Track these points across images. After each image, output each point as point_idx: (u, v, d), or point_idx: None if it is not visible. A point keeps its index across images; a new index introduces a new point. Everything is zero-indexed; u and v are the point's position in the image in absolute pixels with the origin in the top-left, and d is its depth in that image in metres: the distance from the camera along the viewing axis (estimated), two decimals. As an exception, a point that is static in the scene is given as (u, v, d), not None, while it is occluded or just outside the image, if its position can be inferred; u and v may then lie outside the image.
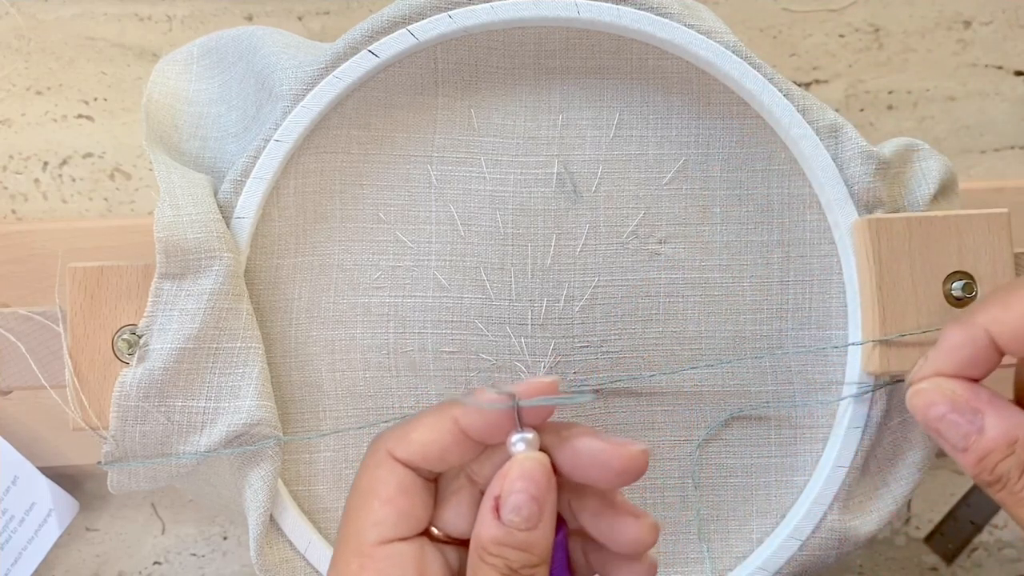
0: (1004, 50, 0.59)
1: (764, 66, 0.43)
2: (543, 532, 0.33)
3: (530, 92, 0.44)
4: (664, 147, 0.44)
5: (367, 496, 0.34)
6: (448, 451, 0.34)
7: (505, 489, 0.32)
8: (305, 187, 0.43)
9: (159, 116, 0.45)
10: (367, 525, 0.33)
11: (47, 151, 0.56)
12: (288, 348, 0.43)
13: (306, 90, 0.42)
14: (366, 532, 0.33)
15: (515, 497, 0.32)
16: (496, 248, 0.44)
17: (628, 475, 0.33)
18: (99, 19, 0.57)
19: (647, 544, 0.34)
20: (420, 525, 0.34)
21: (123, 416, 0.40)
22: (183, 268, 0.40)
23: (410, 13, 0.42)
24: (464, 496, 0.34)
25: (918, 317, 0.42)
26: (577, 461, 0.33)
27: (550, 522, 0.33)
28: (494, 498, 0.33)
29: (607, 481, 0.33)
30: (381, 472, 0.34)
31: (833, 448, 0.44)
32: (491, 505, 0.33)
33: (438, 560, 0.34)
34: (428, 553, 0.34)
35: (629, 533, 0.34)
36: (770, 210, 0.45)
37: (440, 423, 0.33)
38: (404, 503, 0.33)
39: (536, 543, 0.33)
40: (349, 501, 0.34)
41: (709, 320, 0.45)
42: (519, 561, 0.32)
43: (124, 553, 0.56)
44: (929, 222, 0.42)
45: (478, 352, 0.44)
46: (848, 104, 0.59)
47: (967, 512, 0.58)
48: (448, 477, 0.35)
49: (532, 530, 0.32)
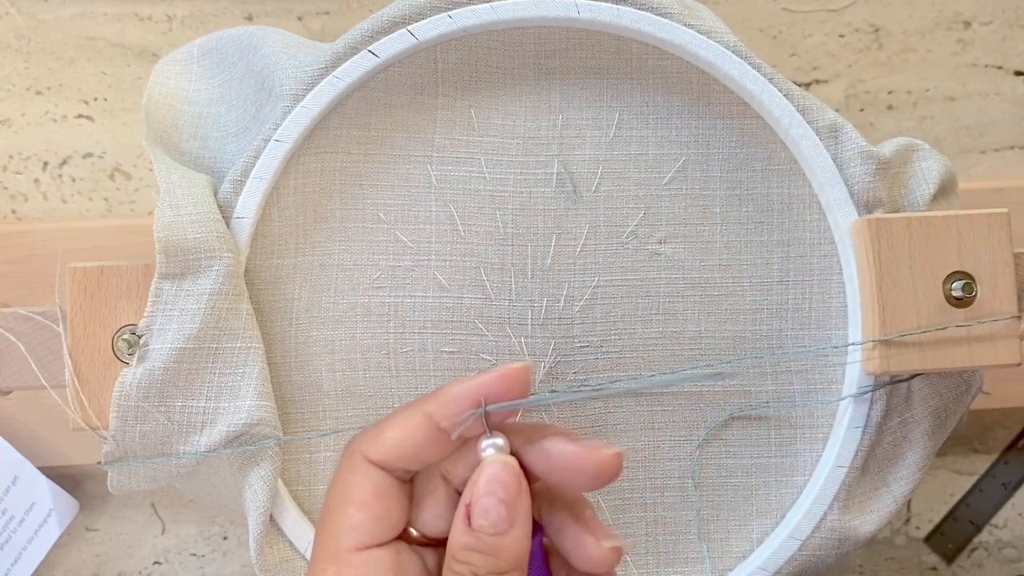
0: (1004, 50, 0.59)
1: (764, 66, 0.43)
2: (514, 537, 0.32)
3: (530, 92, 0.44)
4: (664, 147, 0.44)
5: (342, 501, 0.33)
6: (422, 448, 0.33)
7: (474, 495, 0.32)
8: (305, 187, 0.43)
9: (159, 116, 0.45)
10: (343, 531, 0.33)
11: (47, 151, 0.56)
12: (288, 348, 0.43)
13: (306, 90, 0.42)
14: (342, 538, 0.33)
15: (483, 501, 0.32)
16: (496, 248, 0.44)
17: (601, 478, 0.33)
18: (99, 19, 0.57)
19: (607, 564, 0.33)
20: (396, 529, 0.34)
21: (123, 416, 0.40)
22: (183, 268, 0.40)
23: (410, 13, 0.42)
24: (440, 496, 0.34)
25: (918, 317, 0.42)
26: (550, 464, 0.33)
27: (523, 528, 0.32)
28: (466, 506, 0.32)
29: (580, 484, 0.33)
30: (356, 476, 0.33)
31: (833, 448, 0.44)
32: (463, 513, 0.32)
33: (416, 564, 0.34)
34: (405, 557, 0.33)
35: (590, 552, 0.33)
36: (770, 210, 0.45)
37: (412, 420, 0.33)
38: (380, 507, 0.33)
39: (506, 548, 0.32)
40: (324, 506, 0.34)
41: (709, 320, 0.45)
42: (485, 567, 0.32)
43: (124, 553, 0.56)
44: (929, 222, 0.42)
45: (478, 352, 0.44)
46: (848, 104, 0.59)
47: (967, 512, 0.58)
48: (423, 478, 0.34)
49: (502, 535, 0.32)
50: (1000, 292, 0.42)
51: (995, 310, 0.42)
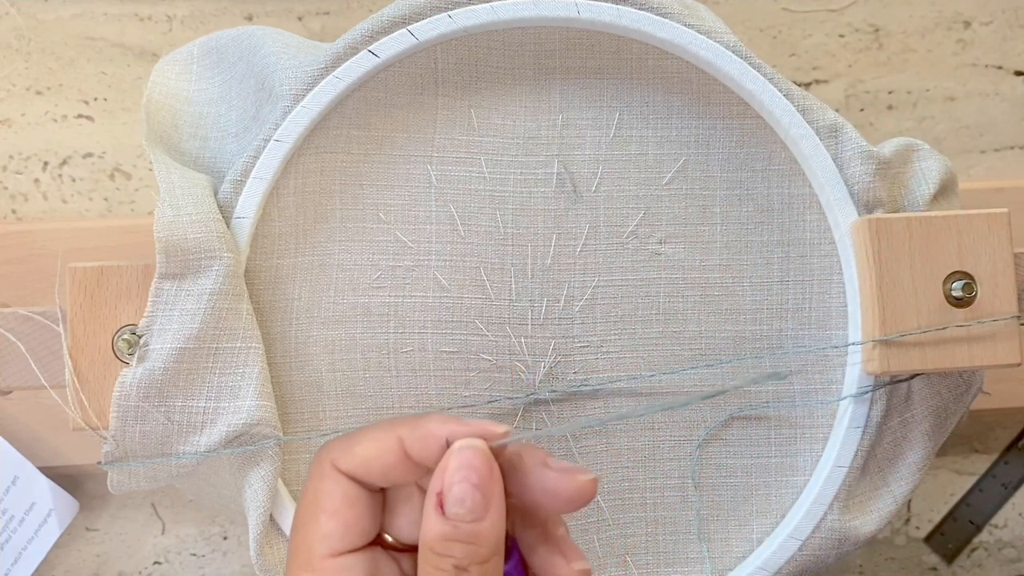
0: (1004, 50, 0.59)
1: (764, 66, 0.43)
2: (491, 522, 0.32)
3: (530, 92, 0.44)
4: (664, 147, 0.44)
5: (313, 509, 0.33)
6: (391, 470, 0.33)
7: (446, 482, 0.31)
8: (305, 187, 0.43)
9: (159, 116, 0.45)
10: (316, 539, 0.33)
11: (47, 151, 0.56)
12: (288, 348, 0.43)
13: (306, 90, 0.42)
14: (315, 545, 0.33)
15: (457, 488, 0.31)
16: (496, 248, 0.44)
17: (575, 503, 0.33)
18: (99, 19, 0.57)
19: None
20: (369, 535, 0.33)
21: (123, 416, 0.40)
22: (183, 268, 0.40)
23: (410, 13, 0.42)
24: (415, 503, 0.34)
25: (918, 317, 0.42)
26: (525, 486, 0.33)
27: (498, 512, 0.32)
28: (436, 494, 0.32)
29: (555, 508, 0.33)
30: (326, 484, 0.33)
31: (833, 448, 0.44)
32: (434, 502, 0.32)
33: (392, 569, 0.33)
34: (381, 562, 0.33)
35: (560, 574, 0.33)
36: (770, 210, 0.45)
37: (385, 441, 0.33)
38: (350, 514, 0.33)
39: (484, 534, 0.31)
40: (297, 514, 0.34)
41: (709, 320, 0.45)
42: (467, 557, 0.31)
43: (124, 553, 0.56)
44: (929, 222, 0.42)
45: (478, 352, 0.44)
46: (848, 104, 0.59)
47: (967, 512, 0.58)
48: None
49: (479, 521, 0.31)
50: (1000, 292, 0.42)
51: (995, 310, 0.42)
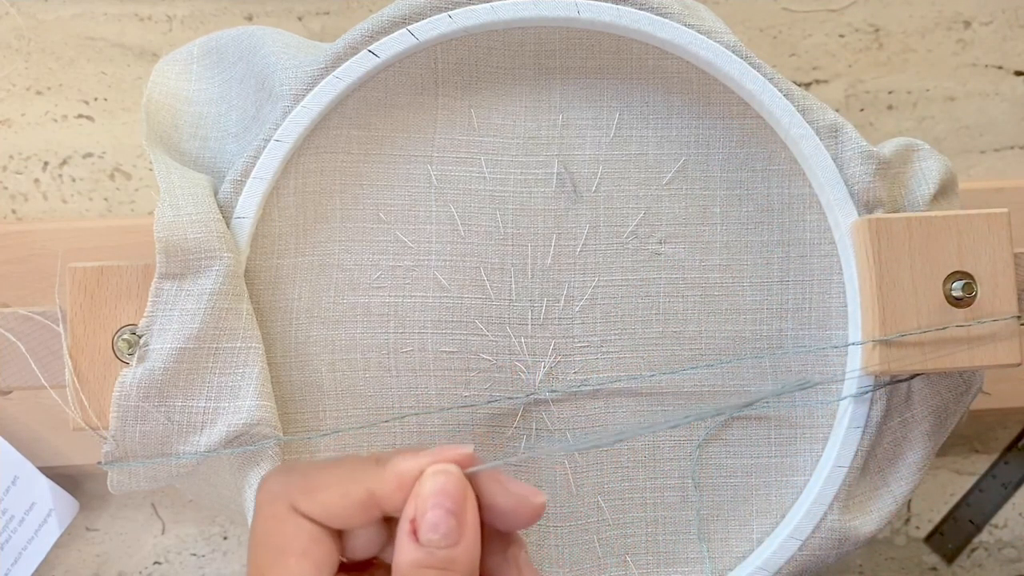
0: (1004, 50, 0.59)
1: (764, 66, 0.43)
2: (465, 547, 0.31)
3: (530, 92, 0.44)
4: (664, 147, 0.44)
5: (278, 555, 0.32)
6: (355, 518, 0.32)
7: (419, 508, 0.31)
8: (305, 187, 0.43)
9: (159, 116, 0.45)
10: None
11: (47, 151, 0.56)
12: (288, 348, 0.43)
13: (306, 90, 0.42)
14: None
15: (431, 514, 0.31)
16: (496, 248, 0.44)
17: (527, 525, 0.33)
18: (99, 19, 0.57)
19: None
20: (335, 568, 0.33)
21: (123, 416, 0.40)
22: (183, 268, 0.40)
23: (410, 13, 0.42)
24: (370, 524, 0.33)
25: (918, 317, 0.42)
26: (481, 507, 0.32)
27: (473, 537, 0.32)
28: (410, 521, 0.31)
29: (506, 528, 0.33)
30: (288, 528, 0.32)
31: (833, 448, 0.44)
32: (408, 529, 0.31)
33: None
34: None
35: None
36: (770, 210, 0.45)
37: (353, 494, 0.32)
38: (319, 552, 0.32)
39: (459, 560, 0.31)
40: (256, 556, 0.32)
41: (709, 320, 0.45)
42: None
43: (124, 553, 0.56)
44: (929, 222, 0.42)
45: (478, 352, 0.44)
46: (848, 104, 0.59)
47: (967, 512, 0.58)
48: None
49: (453, 547, 0.31)
50: (1000, 292, 0.42)
51: (995, 310, 0.42)
